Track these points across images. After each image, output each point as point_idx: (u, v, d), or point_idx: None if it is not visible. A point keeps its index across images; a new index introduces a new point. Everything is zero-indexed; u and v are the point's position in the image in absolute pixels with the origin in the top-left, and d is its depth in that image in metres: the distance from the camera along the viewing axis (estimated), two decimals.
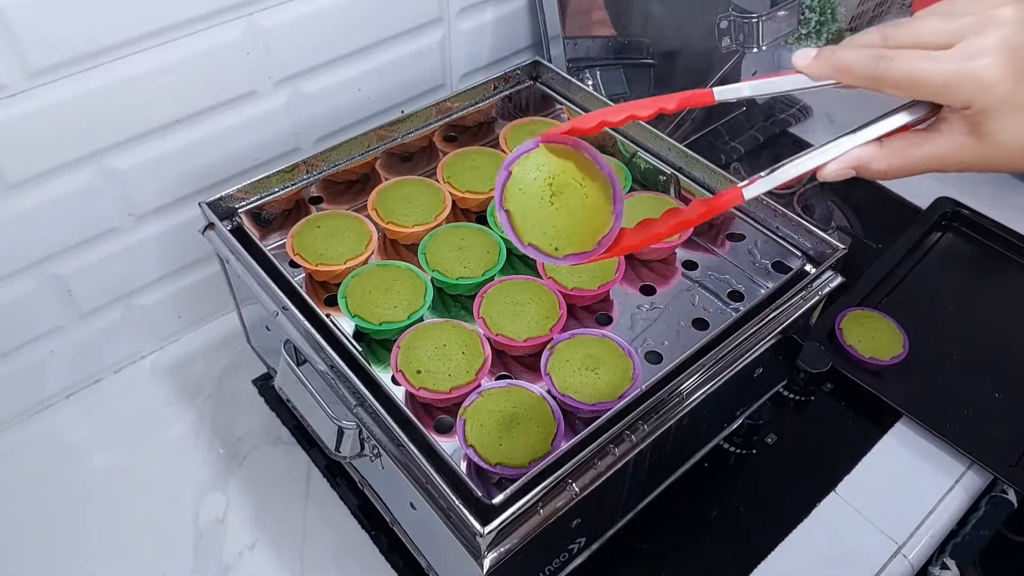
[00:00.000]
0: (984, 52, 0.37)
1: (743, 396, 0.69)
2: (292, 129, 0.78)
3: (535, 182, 0.44)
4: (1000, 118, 0.37)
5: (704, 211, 0.44)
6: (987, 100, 0.37)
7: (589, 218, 0.45)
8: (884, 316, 0.85)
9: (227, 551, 0.68)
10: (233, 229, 0.65)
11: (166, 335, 0.83)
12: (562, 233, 0.45)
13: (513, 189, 0.45)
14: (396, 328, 0.60)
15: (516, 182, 0.45)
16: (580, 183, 0.44)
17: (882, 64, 0.39)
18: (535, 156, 0.44)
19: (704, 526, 0.71)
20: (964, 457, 0.75)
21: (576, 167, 0.44)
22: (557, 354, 0.59)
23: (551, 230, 0.45)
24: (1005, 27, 0.37)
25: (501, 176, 0.45)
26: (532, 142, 0.45)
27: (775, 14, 1.00)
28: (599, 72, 0.90)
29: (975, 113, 0.38)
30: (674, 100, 0.43)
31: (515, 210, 0.45)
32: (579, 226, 0.45)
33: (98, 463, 0.74)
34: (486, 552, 0.48)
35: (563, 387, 0.57)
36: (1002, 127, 0.38)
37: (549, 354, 0.59)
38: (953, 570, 0.72)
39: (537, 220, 0.45)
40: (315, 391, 0.56)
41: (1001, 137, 0.38)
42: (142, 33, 0.63)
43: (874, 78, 0.39)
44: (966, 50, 0.37)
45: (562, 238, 0.45)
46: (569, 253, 0.45)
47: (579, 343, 0.60)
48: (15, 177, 0.63)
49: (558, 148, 0.44)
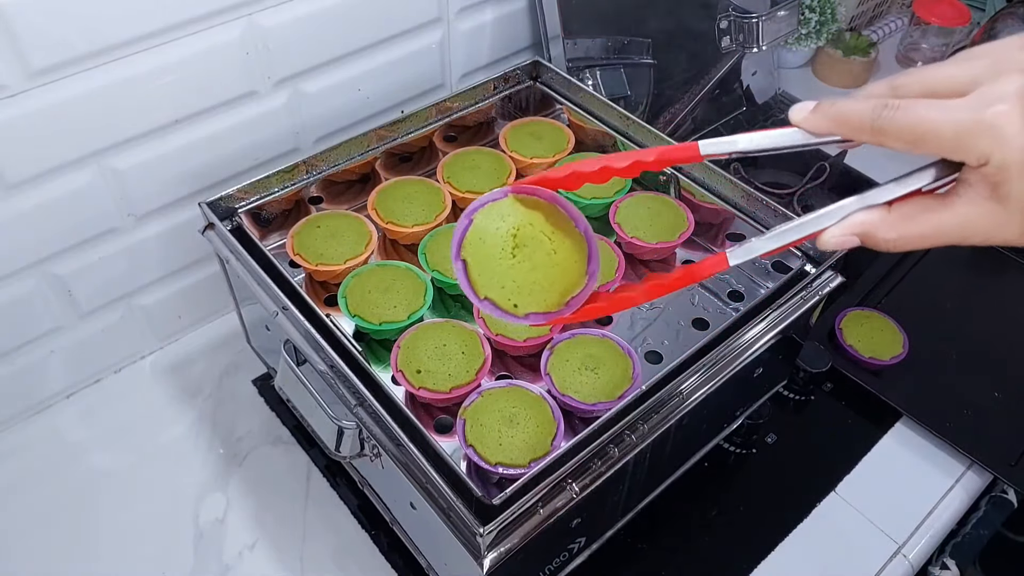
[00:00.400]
0: (1001, 99, 0.31)
1: (743, 396, 0.69)
2: (292, 129, 0.78)
3: (497, 232, 0.41)
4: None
5: (684, 278, 0.40)
6: (1006, 154, 0.31)
7: (556, 276, 0.41)
8: (884, 316, 0.85)
9: (227, 551, 0.68)
10: (233, 229, 0.65)
11: (166, 335, 0.83)
12: (523, 289, 0.41)
13: (473, 238, 0.41)
14: (396, 328, 0.60)
15: (477, 231, 0.41)
16: (549, 237, 0.41)
17: (886, 114, 0.34)
18: (502, 205, 0.41)
19: (704, 526, 0.71)
20: (964, 457, 0.75)
21: (547, 220, 0.41)
22: (557, 354, 0.59)
23: (510, 284, 0.41)
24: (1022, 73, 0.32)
25: (462, 224, 0.42)
26: (501, 191, 0.42)
27: (775, 14, 0.99)
28: (599, 72, 0.90)
29: (994, 171, 0.32)
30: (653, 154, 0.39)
31: (473, 261, 0.42)
32: (543, 283, 0.41)
33: (98, 463, 0.74)
34: (486, 552, 0.48)
35: (563, 387, 0.57)
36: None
37: (549, 354, 0.59)
38: (953, 570, 0.72)
39: (495, 272, 0.41)
40: (315, 391, 0.56)
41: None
42: (142, 33, 0.63)
43: (877, 130, 0.34)
44: (981, 97, 0.32)
45: (522, 294, 0.41)
46: (531, 312, 0.42)
47: (579, 343, 0.60)
48: (15, 177, 0.63)
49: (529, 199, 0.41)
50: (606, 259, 0.65)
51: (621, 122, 0.75)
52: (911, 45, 1.22)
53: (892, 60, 1.24)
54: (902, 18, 1.28)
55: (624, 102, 0.92)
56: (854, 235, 0.37)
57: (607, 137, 0.76)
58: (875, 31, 1.25)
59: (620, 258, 0.65)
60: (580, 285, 0.42)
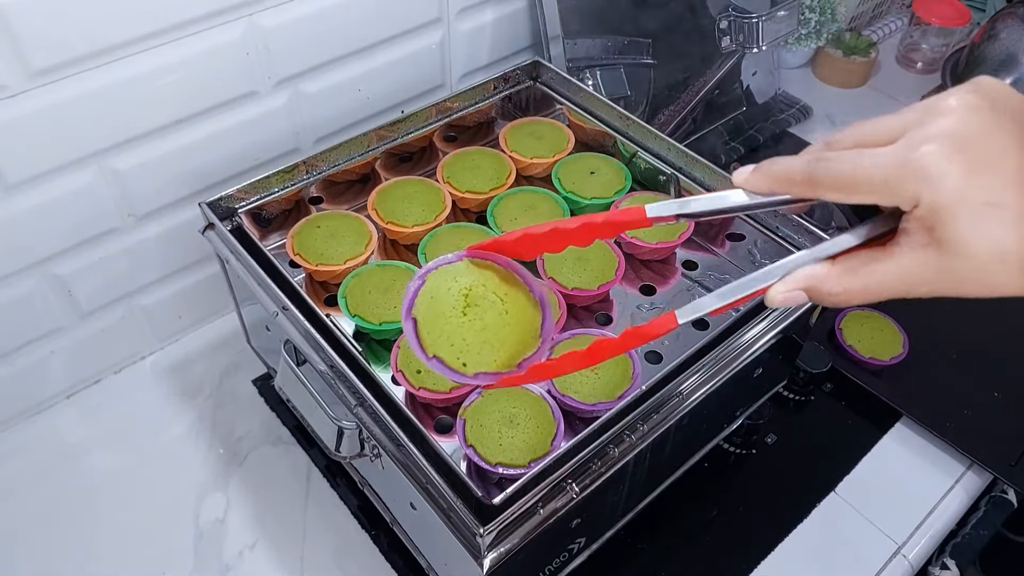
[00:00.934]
0: (927, 140, 0.32)
1: (743, 396, 0.69)
2: (292, 129, 0.78)
3: (449, 291, 0.41)
4: (958, 219, 0.31)
5: (632, 340, 0.40)
6: (935, 196, 0.31)
7: (508, 335, 0.41)
8: (884, 316, 0.85)
9: (227, 551, 0.68)
10: (233, 229, 0.65)
11: (166, 335, 0.83)
12: (472, 347, 0.41)
13: (425, 297, 0.42)
14: (396, 328, 0.60)
15: (429, 290, 0.42)
16: (501, 298, 0.41)
17: (819, 165, 0.34)
18: (456, 268, 0.42)
19: (704, 526, 0.71)
20: (964, 457, 0.75)
21: (501, 281, 0.41)
22: (558, 354, 0.59)
23: (459, 342, 0.41)
24: (949, 116, 0.32)
25: (414, 284, 0.42)
26: (456, 255, 0.42)
27: (775, 14, 0.99)
28: (599, 72, 0.90)
29: (927, 214, 0.32)
30: (602, 218, 0.39)
31: (423, 319, 0.42)
32: (493, 342, 0.41)
33: (98, 463, 0.74)
34: (486, 552, 0.48)
35: (563, 387, 0.57)
36: (962, 232, 0.31)
37: (549, 354, 0.59)
38: (953, 570, 0.72)
39: (445, 330, 0.41)
40: (315, 391, 0.56)
41: (963, 246, 0.32)
42: (142, 34, 0.63)
43: (812, 182, 0.34)
44: (909, 141, 0.32)
45: (471, 353, 0.41)
46: (480, 371, 0.42)
47: (579, 343, 0.60)
48: (15, 177, 0.63)
49: (484, 263, 0.41)
50: (606, 259, 0.65)
51: (621, 122, 0.75)
52: (911, 45, 1.22)
53: (892, 60, 1.24)
54: (902, 18, 1.28)
55: (624, 102, 0.92)
56: (799, 290, 0.36)
57: (607, 137, 0.76)
58: (875, 31, 1.25)
59: (620, 258, 0.65)
60: (533, 347, 0.42)
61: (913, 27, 1.23)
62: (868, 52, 1.15)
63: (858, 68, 1.15)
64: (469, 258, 0.42)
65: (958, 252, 0.32)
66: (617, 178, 0.72)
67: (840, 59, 1.14)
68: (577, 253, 0.64)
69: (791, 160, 0.36)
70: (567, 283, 0.63)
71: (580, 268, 0.64)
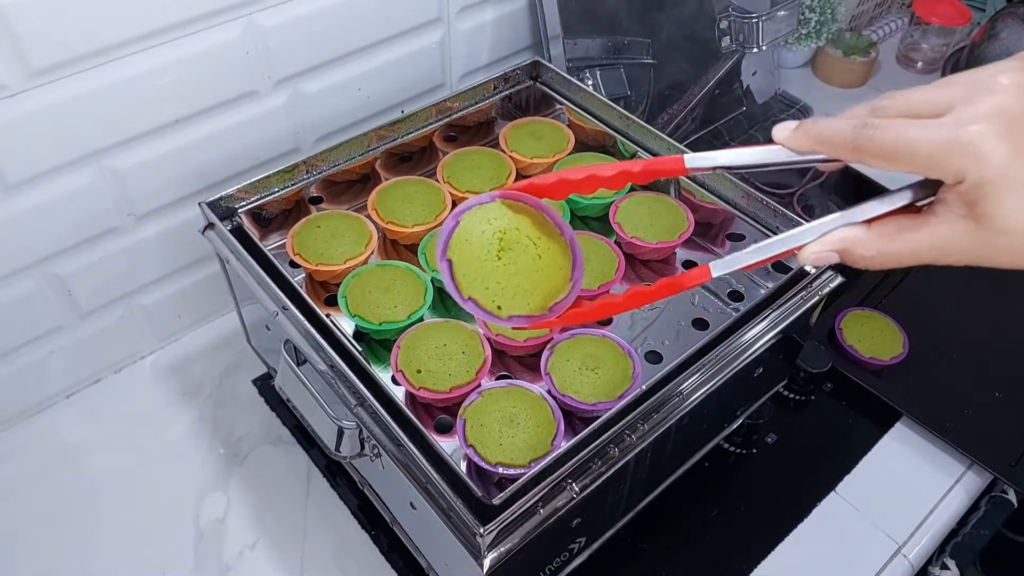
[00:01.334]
0: (976, 119, 0.33)
1: (743, 396, 0.69)
2: (292, 129, 0.78)
3: (483, 234, 0.42)
4: (1000, 197, 0.32)
5: (667, 288, 0.41)
6: (982, 173, 0.32)
7: (540, 280, 0.42)
8: (884, 316, 0.85)
9: (227, 551, 0.68)
10: (233, 229, 0.65)
11: (166, 335, 0.83)
12: (507, 291, 0.42)
13: (459, 239, 0.42)
14: (396, 328, 0.60)
15: (463, 232, 0.42)
16: (535, 242, 0.42)
17: (865, 132, 0.35)
18: (489, 209, 0.42)
19: (704, 526, 0.71)
20: (964, 457, 0.75)
21: (533, 225, 0.42)
22: (557, 354, 0.59)
23: (494, 285, 0.42)
24: (1000, 94, 0.33)
25: (448, 225, 0.42)
26: (489, 195, 0.42)
27: (775, 14, 0.99)
28: (599, 72, 0.90)
29: (971, 189, 0.33)
30: (639, 165, 0.40)
31: (458, 261, 0.42)
32: (527, 286, 0.42)
33: (98, 463, 0.74)
34: (486, 552, 0.48)
35: (563, 387, 0.57)
36: (1004, 208, 0.32)
37: (549, 354, 0.59)
38: (953, 570, 0.72)
39: (480, 273, 0.42)
40: (315, 391, 0.56)
41: (1003, 221, 0.33)
42: (142, 33, 0.63)
43: (857, 148, 0.35)
44: (957, 117, 0.33)
45: (506, 296, 0.42)
46: (513, 314, 0.42)
47: (579, 343, 0.60)
48: (15, 177, 0.63)
49: (517, 205, 0.42)
50: (606, 259, 0.65)
51: (621, 122, 0.75)
52: (911, 45, 1.22)
53: (892, 60, 1.24)
54: (902, 18, 1.28)
55: (624, 102, 0.92)
56: (833, 251, 0.38)
57: (607, 137, 0.76)
58: (875, 31, 1.25)
59: (620, 258, 0.65)
60: (564, 291, 0.43)
61: (913, 27, 1.23)
62: (868, 52, 1.15)
63: (858, 68, 1.15)
64: (502, 199, 0.42)
65: (997, 228, 0.33)
66: None
67: (840, 59, 1.14)
68: None
69: (835, 123, 0.36)
70: None
71: None
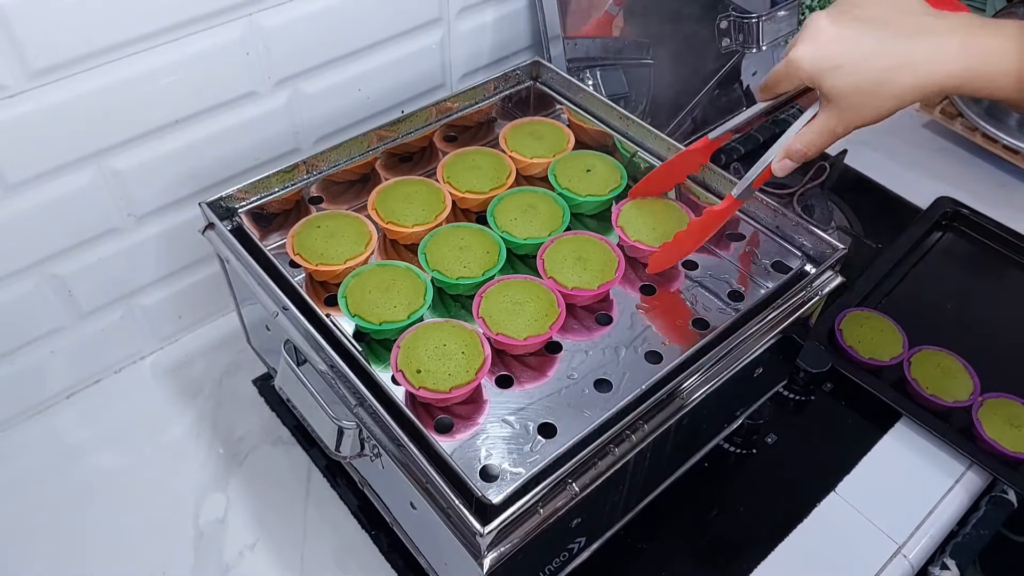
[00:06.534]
0: (796, 43, 0.53)
1: (743, 396, 0.69)
2: (292, 129, 0.78)
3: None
4: (823, 80, 0.52)
5: (711, 220, 0.59)
6: (807, 71, 0.52)
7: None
8: (884, 316, 0.85)
9: (227, 551, 0.68)
10: (233, 229, 0.65)
11: (166, 335, 0.83)
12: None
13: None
14: (396, 328, 0.60)
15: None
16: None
17: (769, 75, 0.57)
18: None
19: (704, 526, 0.71)
20: (964, 457, 0.75)
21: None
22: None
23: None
24: (810, 25, 0.53)
25: None
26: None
27: (775, 14, 1.00)
28: (599, 72, 0.90)
29: (813, 85, 0.53)
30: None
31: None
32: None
33: (98, 463, 0.74)
34: (486, 552, 0.48)
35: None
36: (829, 86, 0.52)
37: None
38: (953, 570, 0.72)
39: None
40: (315, 391, 0.56)
41: (832, 92, 0.52)
42: (142, 34, 0.63)
43: (766, 86, 0.59)
44: (788, 50, 0.55)
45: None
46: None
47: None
48: (15, 177, 0.63)
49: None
50: (606, 259, 0.65)
51: (621, 122, 0.75)
52: None
53: None
54: None
55: (624, 102, 0.92)
56: (785, 159, 0.58)
57: (607, 137, 0.76)
58: None
59: (620, 258, 0.65)
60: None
61: None
62: None
63: None
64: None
65: (835, 98, 0.52)
66: (613, 176, 0.72)
67: None
68: (577, 253, 0.64)
69: (768, 76, 0.58)
70: (567, 283, 0.63)
71: (580, 268, 0.63)
